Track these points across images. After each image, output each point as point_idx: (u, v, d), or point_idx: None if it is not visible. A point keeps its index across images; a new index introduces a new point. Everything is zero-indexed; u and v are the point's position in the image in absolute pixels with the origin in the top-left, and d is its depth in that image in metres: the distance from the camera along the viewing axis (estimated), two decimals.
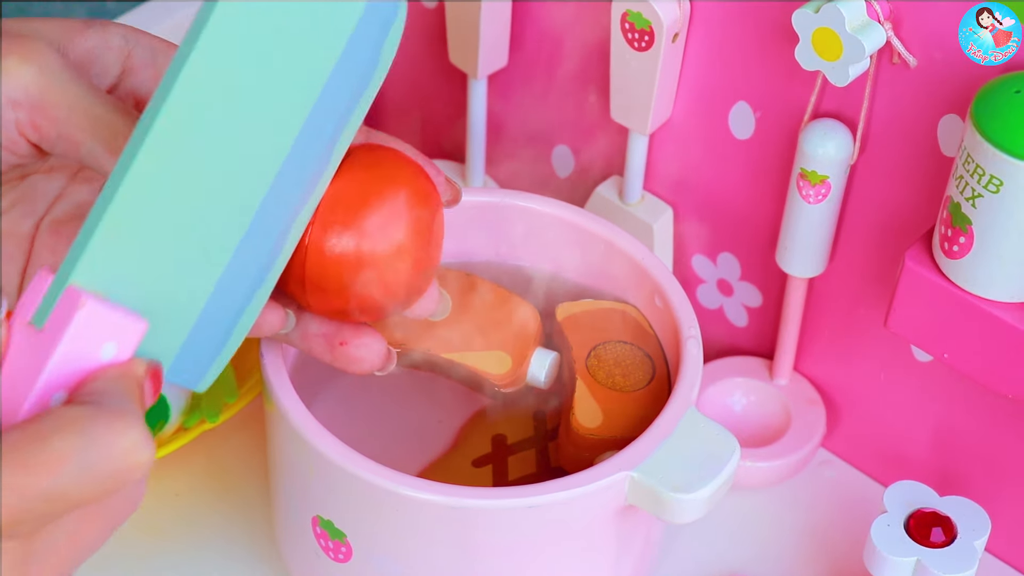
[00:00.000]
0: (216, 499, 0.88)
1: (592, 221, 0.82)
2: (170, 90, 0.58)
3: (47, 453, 0.54)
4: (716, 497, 0.73)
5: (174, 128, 0.59)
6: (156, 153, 0.59)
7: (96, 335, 0.57)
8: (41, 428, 0.54)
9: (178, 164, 0.60)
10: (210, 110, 0.60)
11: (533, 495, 0.71)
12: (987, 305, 0.75)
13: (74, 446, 0.54)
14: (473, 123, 0.95)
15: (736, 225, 0.89)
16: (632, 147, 0.89)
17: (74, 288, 0.58)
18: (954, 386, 0.84)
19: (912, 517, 0.80)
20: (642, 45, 0.83)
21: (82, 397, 0.56)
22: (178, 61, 0.59)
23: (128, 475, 0.55)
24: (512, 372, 0.79)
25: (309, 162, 0.65)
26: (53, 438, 0.54)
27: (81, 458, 0.54)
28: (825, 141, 0.80)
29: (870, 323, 0.86)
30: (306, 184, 0.66)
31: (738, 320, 0.93)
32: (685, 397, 0.75)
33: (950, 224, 0.74)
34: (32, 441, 0.54)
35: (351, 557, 0.75)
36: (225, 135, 0.61)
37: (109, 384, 0.57)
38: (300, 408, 0.73)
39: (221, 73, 0.60)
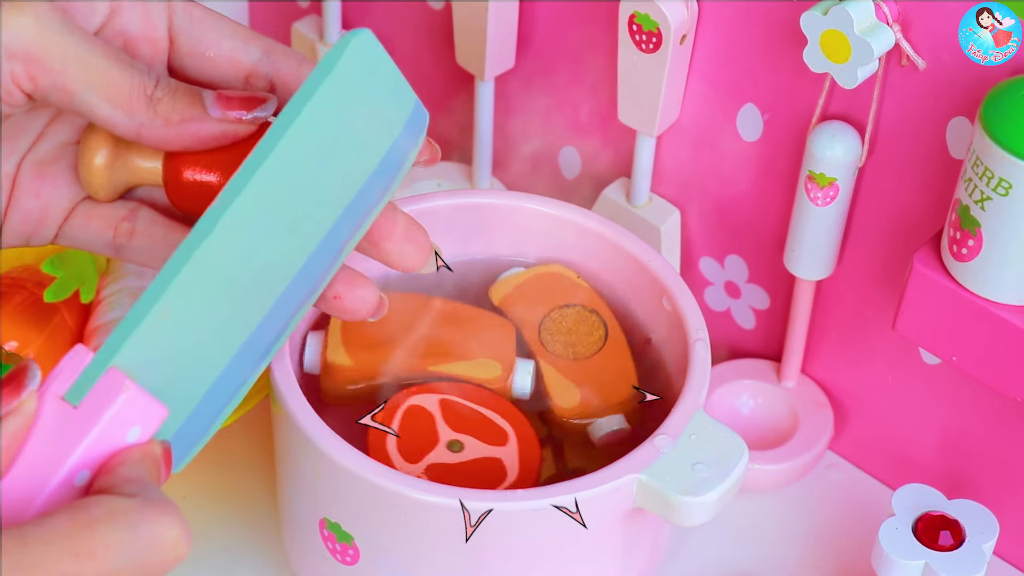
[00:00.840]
0: (223, 502, 0.88)
1: (599, 223, 0.82)
2: (260, 165, 0.60)
3: (96, 542, 0.55)
4: (725, 500, 0.73)
5: (248, 206, 0.61)
6: (222, 237, 0.60)
7: (129, 419, 0.58)
8: (90, 517, 0.55)
9: (238, 245, 0.61)
10: (283, 184, 0.62)
11: (541, 498, 0.71)
12: (996, 308, 0.75)
13: (123, 539, 0.55)
14: (480, 125, 0.95)
15: (744, 227, 0.89)
16: (639, 149, 0.89)
17: (116, 371, 0.58)
18: (962, 389, 0.84)
19: (920, 520, 0.79)
20: (650, 47, 0.83)
21: (117, 483, 0.57)
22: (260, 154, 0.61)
23: (170, 566, 0.57)
24: (503, 377, 0.79)
25: (332, 247, 0.66)
26: (101, 527, 0.55)
27: (129, 549, 0.55)
28: (833, 143, 0.80)
29: (878, 325, 0.86)
30: (325, 265, 0.67)
31: (745, 322, 0.93)
32: (694, 400, 0.75)
33: (959, 227, 0.74)
34: (82, 528, 0.55)
35: (359, 560, 0.75)
36: (285, 214, 0.63)
37: (136, 469, 0.58)
38: (307, 410, 0.73)
39: (300, 155, 0.62)
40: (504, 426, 0.77)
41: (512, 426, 0.77)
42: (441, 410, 0.77)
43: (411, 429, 0.76)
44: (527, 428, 0.77)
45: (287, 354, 0.75)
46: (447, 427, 0.77)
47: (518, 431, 0.77)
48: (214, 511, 0.88)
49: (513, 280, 0.83)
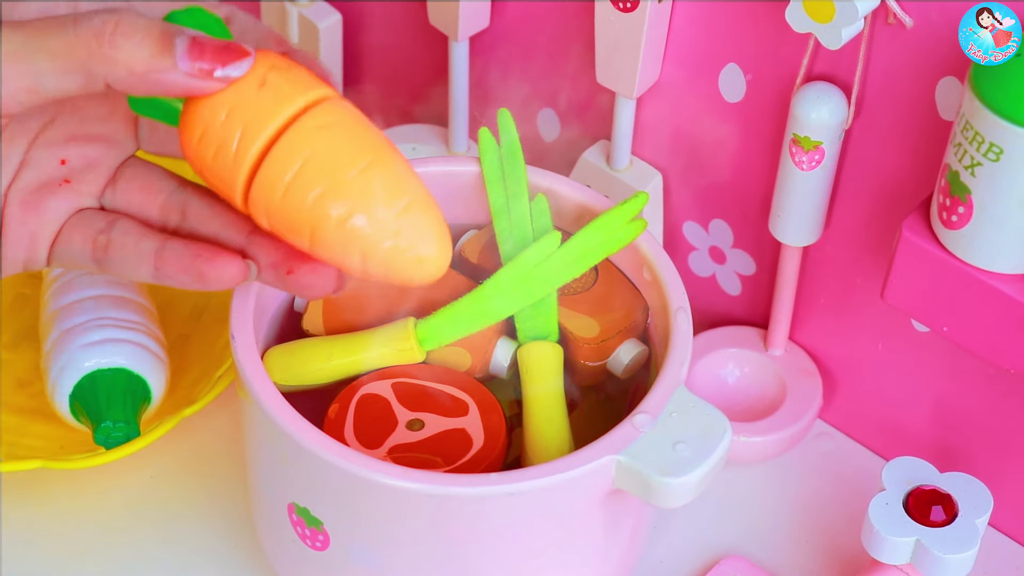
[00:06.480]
0: (196, 484, 0.86)
1: (575, 189, 0.80)
2: None
3: None
4: (707, 480, 0.70)
5: None
6: None
7: None
8: None
9: None
10: None
11: (514, 482, 0.69)
12: (987, 277, 0.73)
13: None
14: (455, 87, 0.92)
15: (728, 191, 0.86)
16: (619, 111, 0.86)
17: None
18: (954, 357, 0.82)
19: (911, 495, 0.77)
20: (627, 5, 0.80)
21: None
22: None
23: None
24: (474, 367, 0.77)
25: None
26: None
27: None
28: (818, 105, 0.77)
29: (867, 292, 0.84)
30: None
31: (731, 288, 0.90)
32: (674, 376, 0.72)
33: (948, 193, 0.71)
34: None
35: (328, 545, 0.73)
36: None
37: None
38: (272, 392, 0.71)
39: None
40: (462, 396, 0.75)
41: (470, 395, 0.75)
42: (395, 393, 0.75)
43: (368, 416, 0.74)
44: (486, 395, 0.75)
45: (252, 338, 0.72)
46: (403, 408, 0.74)
47: (477, 399, 0.75)
48: (187, 493, 0.86)
49: (483, 235, 0.80)
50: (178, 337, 0.90)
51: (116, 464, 0.85)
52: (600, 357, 0.78)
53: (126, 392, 0.82)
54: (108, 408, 0.82)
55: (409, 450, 0.73)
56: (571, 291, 0.79)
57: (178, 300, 0.91)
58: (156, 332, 0.86)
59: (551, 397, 0.76)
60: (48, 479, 0.84)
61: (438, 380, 0.76)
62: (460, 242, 0.81)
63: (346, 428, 0.74)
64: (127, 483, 0.86)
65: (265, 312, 0.77)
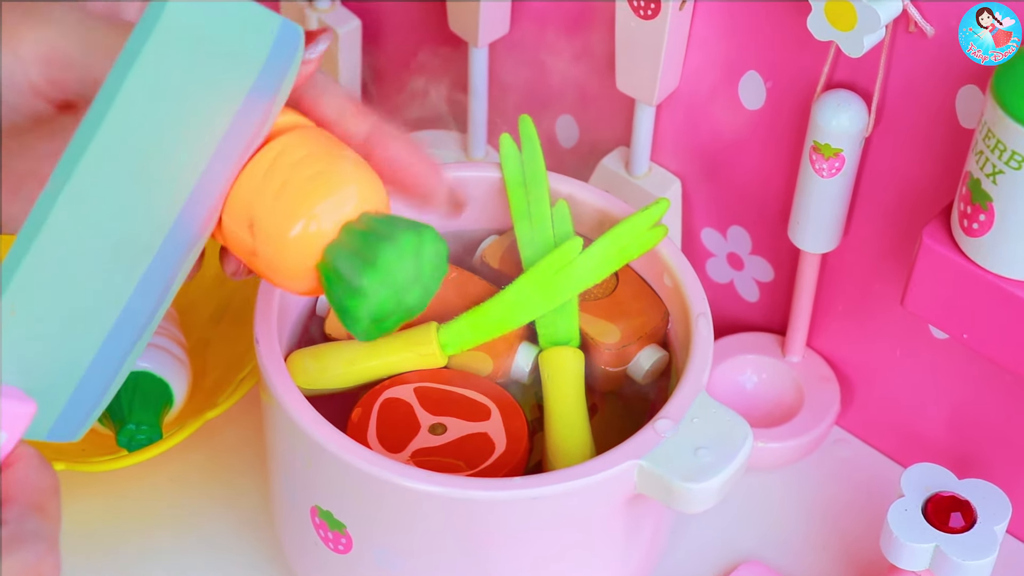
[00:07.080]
0: (217, 486, 0.86)
1: (595, 195, 0.80)
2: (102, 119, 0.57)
3: None
4: (728, 485, 0.71)
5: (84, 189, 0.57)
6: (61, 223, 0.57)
7: None
8: None
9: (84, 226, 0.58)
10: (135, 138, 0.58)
11: (536, 486, 0.69)
12: (1008, 284, 0.73)
13: None
14: (475, 93, 0.93)
15: (747, 198, 0.87)
16: (638, 118, 0.86)
17: None
18: (973, 364, 0.82)
19: (930, 501, 0.77)
20: (648, 13, 0.81)
21: None
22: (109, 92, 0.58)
23: None
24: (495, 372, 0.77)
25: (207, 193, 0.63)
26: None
27: None
28: (839, 113, 0.78)
29: (886, 299, 0.84)
30: (203, 212, 0.63)
31: (749, 295, 0.90)
32: (695, 382, 0.73)
33: (969, 201, 0.72)
34: None
35: (351, 548, 0.73)
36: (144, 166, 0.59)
37: None
38: (296, 396, 0.71)
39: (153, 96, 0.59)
40: (484, 401, 0.75)
41: (492, 400, 0.75)
42: (417, 397, 0.75)
43: (390, 420, 0.74)
44: (507, 399, 0.76)
45: (276, 342, 0.72)
46: (426, 412, 0.75)
47: (499, 403, 0.75)
48: (207, 497, 0.86)
49: (504, 240, 0.80)
50: (199, 341, 0.90)
51: (138, 466, 0.86)
52: (621, 362, 0.78)
53: (149, 395, 0.83)
54: (131, 411, 0.82)
55: (432, 454, 0.73)
56: (592, 296, 0.79)
57: (199, 304, 0.92)
58: (178, 336, 0.86)
59: (572, 402, 0.76)
60: (71, 481, 0.85)
61: (460, 384, 0.76)
62: (481, 247, 0.81)
63: (369, 432, 0.74)
64: (150, 485, 0.86)
65: (288, 316, 0.77)
